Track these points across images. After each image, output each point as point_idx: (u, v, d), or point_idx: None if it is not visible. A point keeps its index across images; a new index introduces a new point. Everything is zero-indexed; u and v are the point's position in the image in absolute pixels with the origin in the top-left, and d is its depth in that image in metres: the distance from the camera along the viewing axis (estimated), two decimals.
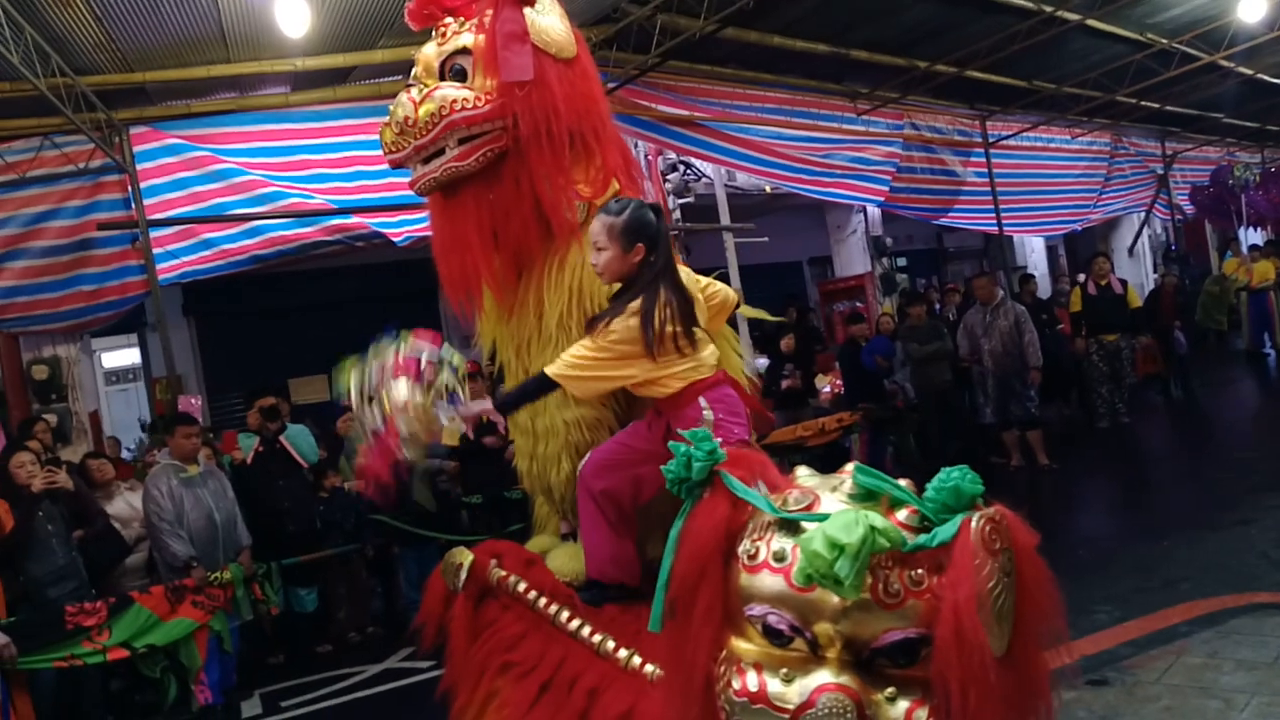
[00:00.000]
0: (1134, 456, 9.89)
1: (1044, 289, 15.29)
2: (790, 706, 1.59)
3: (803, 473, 1.83)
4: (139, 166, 7.95)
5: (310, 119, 8.62)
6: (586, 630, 2.65)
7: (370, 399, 2.77)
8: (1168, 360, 12.51)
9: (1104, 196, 17.22)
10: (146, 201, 7.94)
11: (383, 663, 6.54)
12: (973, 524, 1.53)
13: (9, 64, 6.36)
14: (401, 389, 2.74)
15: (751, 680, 1.63)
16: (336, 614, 7.33)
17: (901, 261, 16.05)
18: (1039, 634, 1.60)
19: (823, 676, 1.59)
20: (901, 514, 1.62)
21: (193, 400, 8.01)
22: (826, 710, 1.56)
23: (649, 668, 2.43)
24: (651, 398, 2.76)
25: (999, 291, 9.70)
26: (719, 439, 1.84)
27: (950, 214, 14.28)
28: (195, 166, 8.26)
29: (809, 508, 1.67)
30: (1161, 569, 5.65)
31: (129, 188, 7.99)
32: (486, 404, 2.93)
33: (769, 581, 1.63)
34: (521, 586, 2.83)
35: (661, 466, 1.83)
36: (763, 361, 10.46)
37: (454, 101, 2.76)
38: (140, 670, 6.00)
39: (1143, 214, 18.98)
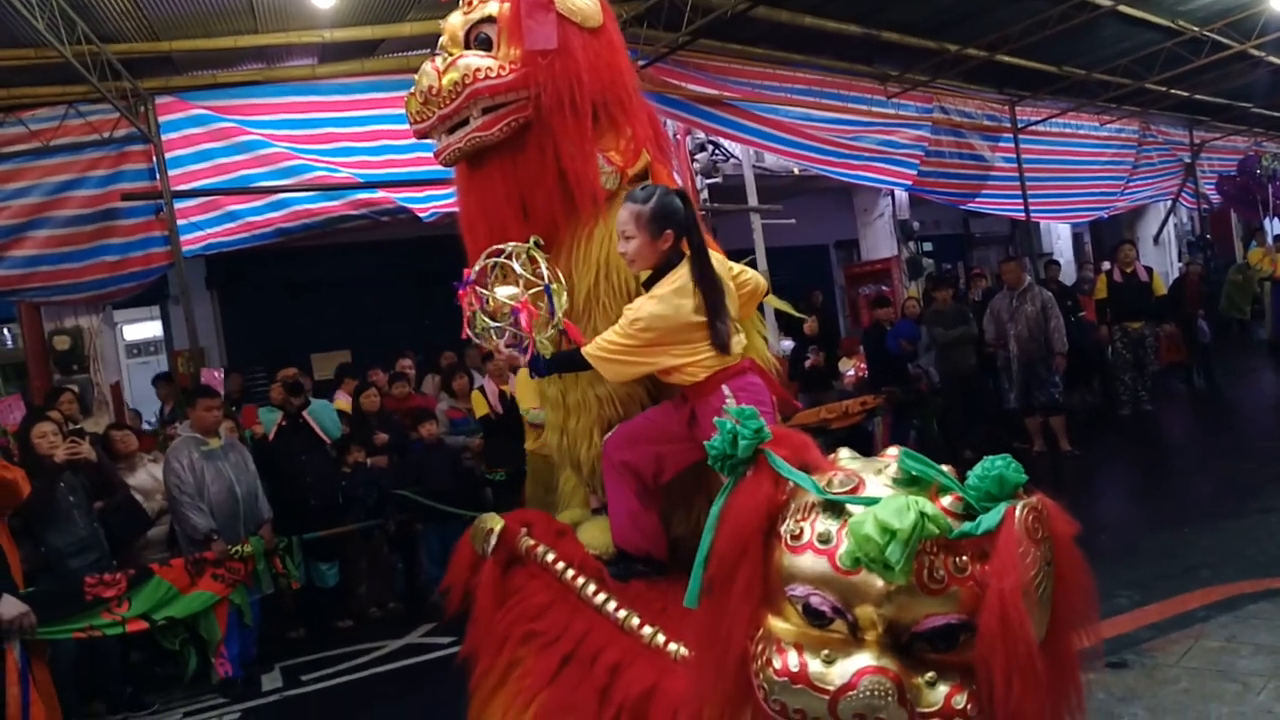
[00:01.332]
0: (1156, 444, 9.84)
1: (1069, 275, 15.17)
2: (831, 687, 1.60)
3: (845, 455, 1.83)
4: (164, 137, 7.91)
5: (337, 92, 8.58)
6: (612, 605, 2.65)
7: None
8: (1191, 349, 12.44)
9: (1131, 184, 17.09)
10: (171, 172, 7.91)
11: (403, 638, 6.53)
12: (1017, 513, 1.54)
13: (35, 30, 6.33)
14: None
15: (792, 660, 1.65)
16: (357, 589, 7.33)
17: (928, 246, 15.95)
18: (1074, 621, 1.63)
19: (864, 659, 1.60)
20: (946, 500, 1.63)
21: (216, 373, 7.98)
22: (869, 692, 1.58)
23: (673, 646, 2.43)
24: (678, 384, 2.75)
25: (1026, 277, 9.62)
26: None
27: (977, 199, 14.19)
28: (221, 138, 8.23)
29: (854, 490, 1.68)
30: (1182, 555, 5.65)
31: (154, 158, 7.96)
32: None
33: (812, 562, 1.65)
34: (550, 557, 2.83)
35: (705, 442, 1.83)
36: (788, 344, 10.42)
37: (477, 70, 2.74)
38: (160, 642, 6.01)
39: (1169, 202, 18.85)
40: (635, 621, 2.57)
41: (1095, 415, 10.96)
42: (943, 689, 1.59)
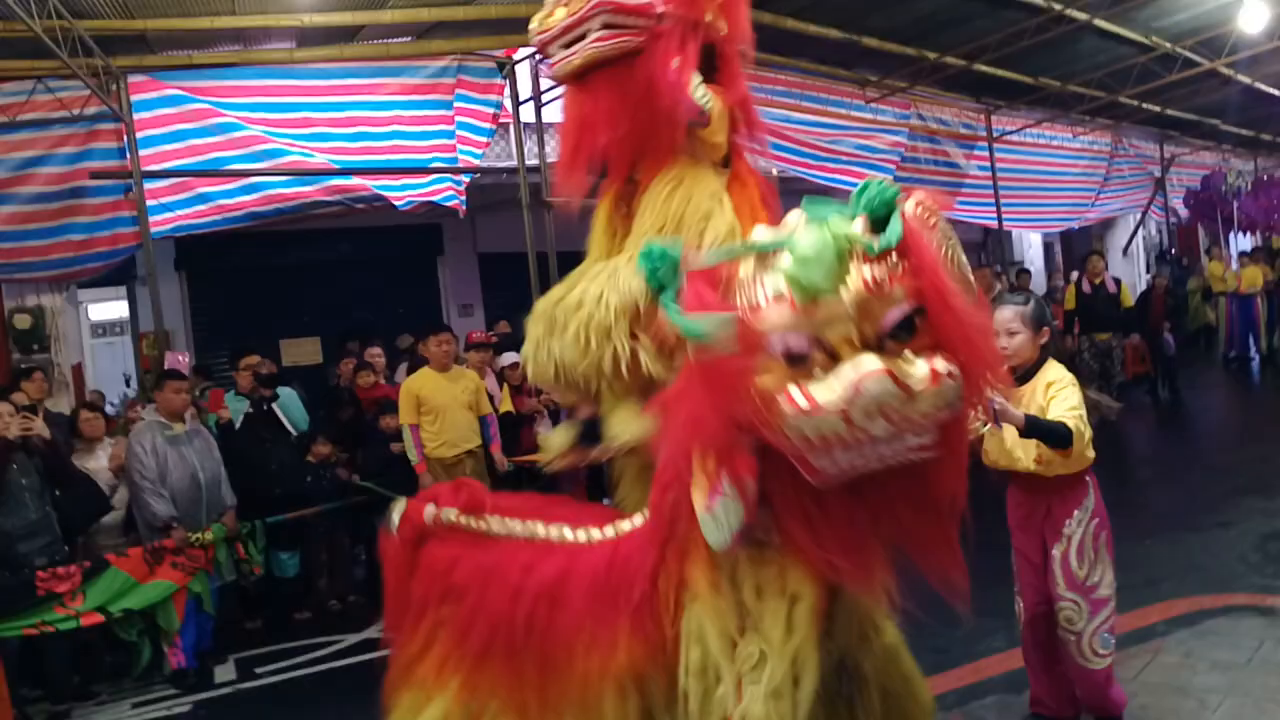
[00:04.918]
0: (1119, 455, 9.90)
1: (1039, 285, 15.30)
2: (840, 403, 1.91)
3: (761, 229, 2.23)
4: (136, 116, 7.77)
5: (315, 76, 8.46)
6: (518, 526, 2.80)
7: None
8: (1155, 361, 12.58)
9: (1102, 196, 17.26)
10: (142, 152, 7.77)
11: (362, 633, 6.47)
12: (908, 212, 2.00)
13: (3, 3, 6.20)
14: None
15: (798, 397, 1.95)
16: (318, 581, 7.27)
17: None
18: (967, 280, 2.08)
19: (854, 368, 1.92)
20: (857, 225, 2.01)
21: (181, 356, 7.88)
22: (874, 390, 1.89)
23: (581, 534, 2.70)
24: None
25: (997, 284, 9.69)
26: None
27: (951, 206, 14.21)
28: (194, 119, 8.09)
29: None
30: (1142, 568, 5.68)
31: (124, 137, 7.81)
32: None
33: (777, 313, 1.99)
34: (453, 515, 2.87)
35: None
36: None
37: None
38: (116, 634, 5.93)
39: (1139, 215, 19.06)
40: (540, 529, 2.77)
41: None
42: (922, 362, 1.94)
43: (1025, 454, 3.48)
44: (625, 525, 2.68)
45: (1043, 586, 3.64)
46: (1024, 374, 3.49)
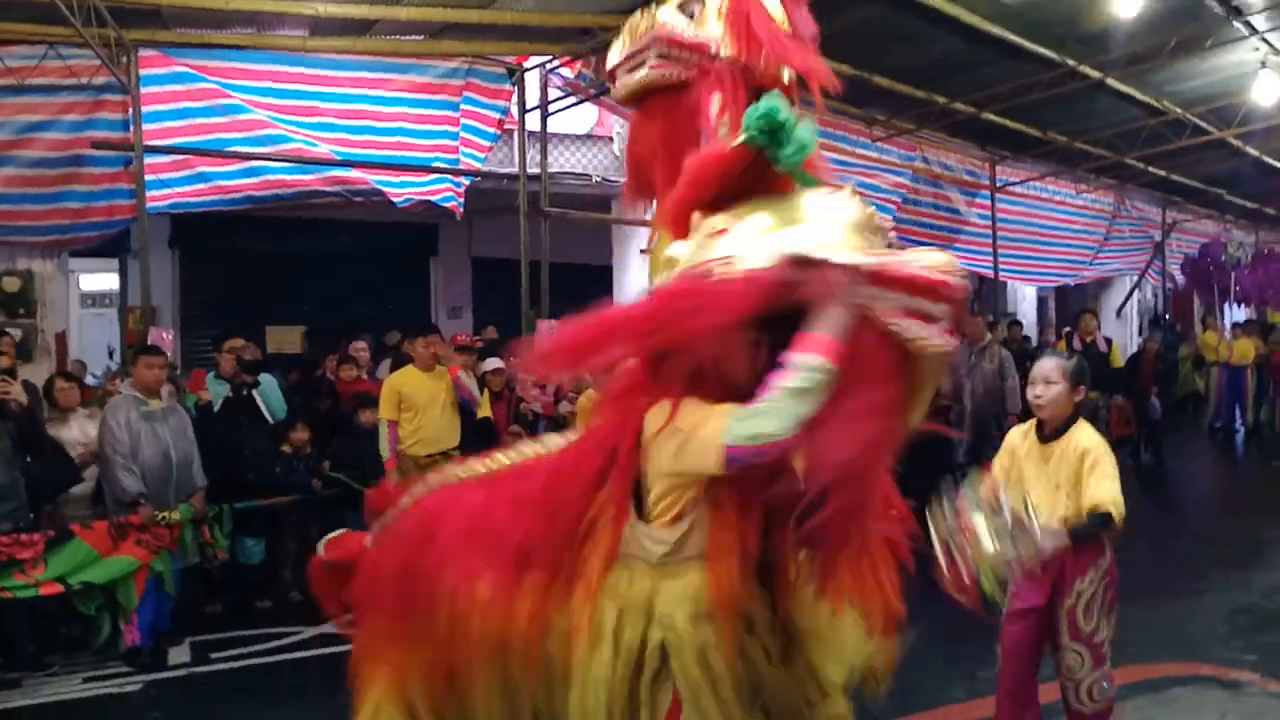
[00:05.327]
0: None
1: (1030, 339, 15.28)
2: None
3: None
4: (143, 90, 7.75)
5: (325, 66, 8.47)
6: (422, 488, 2.85)
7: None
8: (1141, 424, 12.57)
9: (1101, 255, 17.32)
10: (146, 126, 7.75)
11: (320, 626, 6.39)
12: None
13: None
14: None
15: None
16: (282, 570, 7.21)
17: None
18: None
19: None
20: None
21: (164, 334, 7.83)
22: None
23: (491, 464, 2.72)
24: None
25: (987, 334, 9.68)
26: None
27: (949, 252, 14.22)
28: (201, 98, 8.08)
29: None
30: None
31: (129, 109, 7.80)
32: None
33: None
34: (406, 501, 2.88)
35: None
36: None
37: (670, 24, 2.93)
38: (75, 606, 5.86)
39: (1135, 277, 19.11)
40: (452, 474, 2.83)
41: None
42: None
43: (1049, 514, 3.47)
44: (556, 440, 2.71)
45: (1034, 629, 3.63)
46: (1056, 430, 3.60)
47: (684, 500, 2.32)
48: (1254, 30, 9.72)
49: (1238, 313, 18.91)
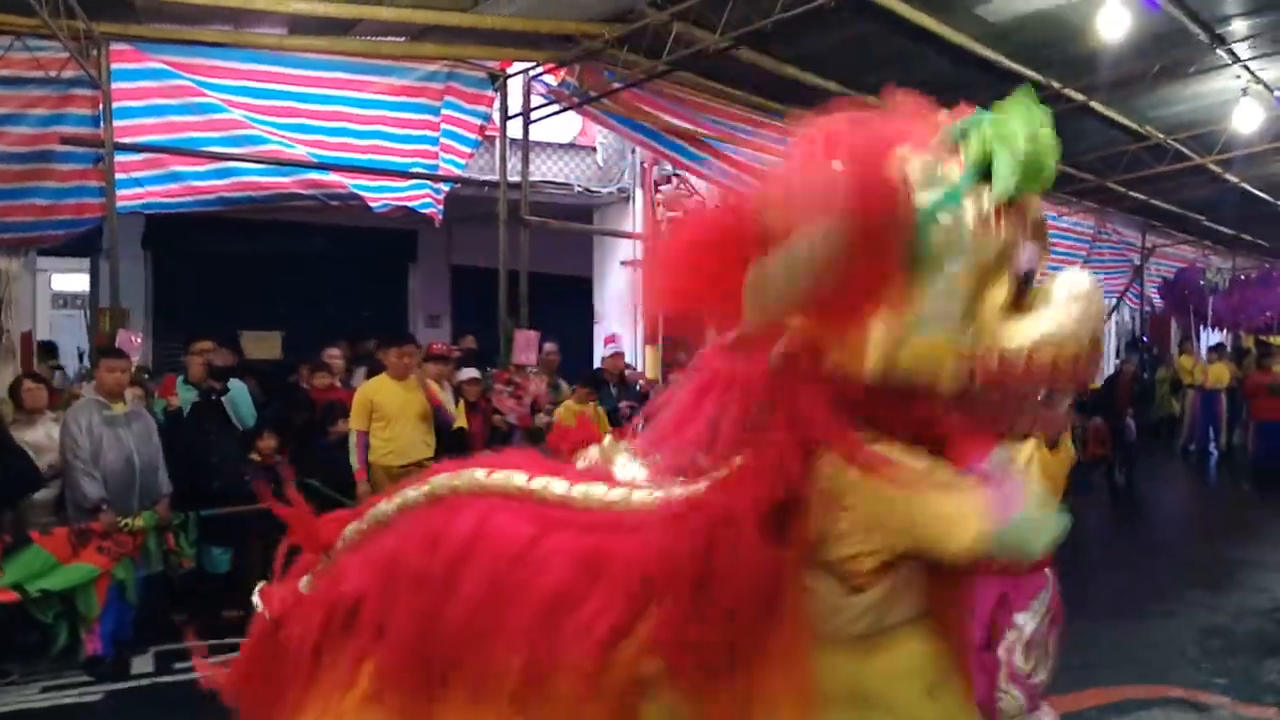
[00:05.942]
0: (1069, 537, 9.86)
1: None
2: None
3: None
4: (114, 85, 7.59)
5: (303, 66, 8.34)
6: (363, 525, 2.40)
7: None
8: (1116, 445, 12.63)
9: None
10: (116, 123, 7.60)
11: None
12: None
13: None
14: None
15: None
16: (250, 580, 7.04)
17: None
18: None
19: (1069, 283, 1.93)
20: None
21: (133, 337, 7.65)
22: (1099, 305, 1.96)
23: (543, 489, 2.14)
24: None
25: None
26: None
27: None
28: (175, 95, 7.94)
29: None
30: (1081, 651, 5.61)
31: (99, 105, 7.64)
32: None
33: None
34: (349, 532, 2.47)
35: None
36: None
37: None
38: (32, 614, 5.71)
39: (1114, 300, 19.21)
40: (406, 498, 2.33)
41: None
42: None
43: None
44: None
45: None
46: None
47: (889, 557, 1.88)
48: (1236, 58, 9.80)
49: (1214, 337, 19.05)
